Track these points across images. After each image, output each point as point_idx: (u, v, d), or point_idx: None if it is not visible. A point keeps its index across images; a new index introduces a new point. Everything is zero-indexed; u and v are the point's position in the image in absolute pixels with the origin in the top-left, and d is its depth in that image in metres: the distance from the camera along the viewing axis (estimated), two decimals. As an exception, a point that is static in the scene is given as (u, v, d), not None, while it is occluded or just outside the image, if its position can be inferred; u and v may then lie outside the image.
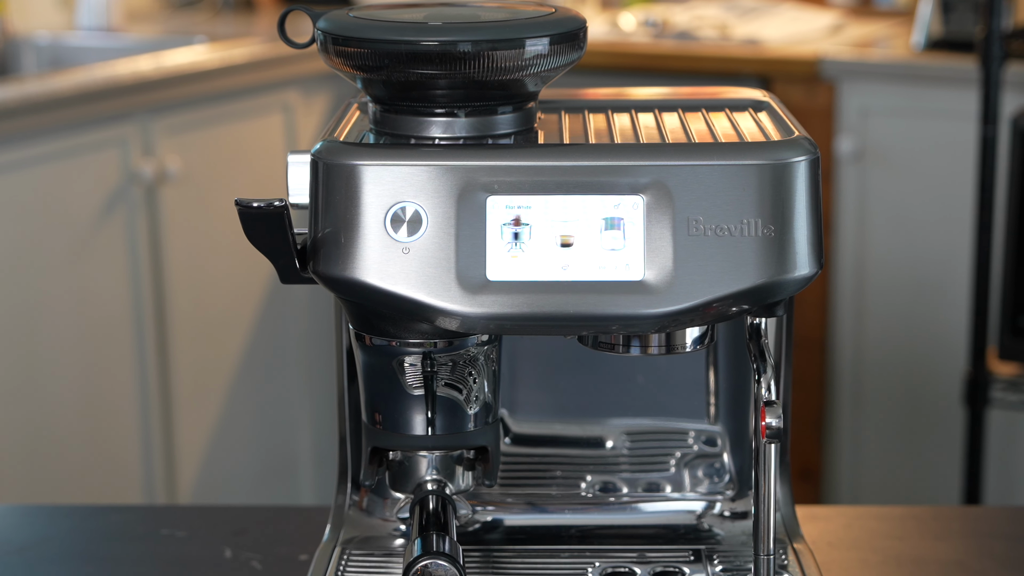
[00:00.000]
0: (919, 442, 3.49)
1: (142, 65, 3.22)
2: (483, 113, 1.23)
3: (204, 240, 3.32)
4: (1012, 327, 2.98)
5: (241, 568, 1.45)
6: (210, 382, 3.38)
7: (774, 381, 1.25)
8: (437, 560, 1.22)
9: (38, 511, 1.63)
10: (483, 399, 1.29)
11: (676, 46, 3.62)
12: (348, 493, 1.42)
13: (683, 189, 1.18)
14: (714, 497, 1.43)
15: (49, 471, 3.04)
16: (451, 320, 1.19)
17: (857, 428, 3.55)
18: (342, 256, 1.19)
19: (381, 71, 1.20)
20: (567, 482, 1.44)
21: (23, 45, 3.65)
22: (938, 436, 3.44)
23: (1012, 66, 3.12)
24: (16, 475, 2.97)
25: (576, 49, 1.23)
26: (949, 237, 3.36)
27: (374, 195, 1.18)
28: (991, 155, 2.91)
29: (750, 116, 1.31)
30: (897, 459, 3.53)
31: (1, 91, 2.99)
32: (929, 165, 3.38)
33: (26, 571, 1.45)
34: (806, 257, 1.20)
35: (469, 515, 1.41)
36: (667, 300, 1.18)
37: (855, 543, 1.50)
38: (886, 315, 3.47)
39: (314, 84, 3.56)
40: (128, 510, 1.64)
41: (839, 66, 3.43)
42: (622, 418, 1.44)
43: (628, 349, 1.27)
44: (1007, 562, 1.46)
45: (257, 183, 3.43)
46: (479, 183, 1.18)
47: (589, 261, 1.18)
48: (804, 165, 1.20)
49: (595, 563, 1.36)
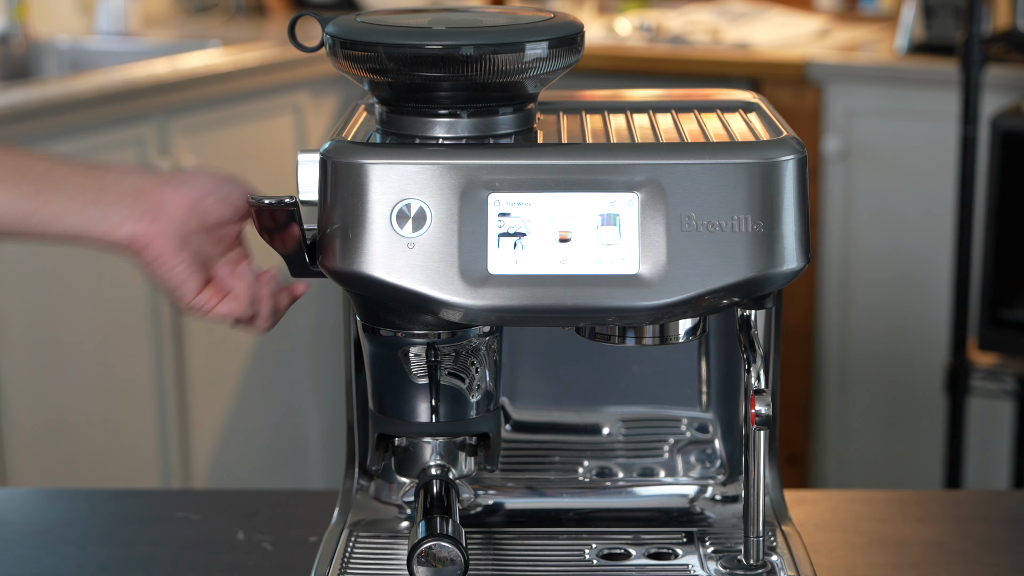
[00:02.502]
0: (902, 429, 3.49)
1: (159, 68, 3.22)
2: (485, 114, 1.23)
3: (218, 235, 3.32)
4: (991, 319, 2.97)
5: (253, 550, 1.45)
6: (223, 372, 3.38)
7: (763, 370, 1.25)
8: (441, 542, 1.22)
9: (59, 495, 1.63)
10: (485, 388, 1.29)
11: (670, 50, 3.62)
12: (356, 478, 1.41)
13: (676, 187, 1.18)
14: (706, 482, 1.43)
15: (69, 457, 3.04)
16: (454, 312, 1.19)
17: (843, 415, 3.55)
18: (350, 251, 1.19)
19: (387, 74, 1.20)
20: (565, 467, 1.44)
21: (45, 49, 3.64)
22: (920, 423, 3.44)
23: (991, 69, 3.11)
24: (38, 460, 2.97)
25: (574, 53, 1.23)
26: (931, 233, 3.36)
27: (380, 192, 1.18)
28: (971, 154, 2.91)
29: (740, 117, 1.31)
30: (881, 445, 3.53)
31: (24, 93, 2.99)
32: (912, 164, 3.38)
33: (47, 552, 1.45)
34: (794, 252, 1.20)
35: (471, 499, 1.41)
36: (661, 293, 1.18)
37: (841, 525, 1.50)
38: (871, 307, 3.47)
39: (323, 86, 3.56)
40: (145, 494, 1.64)
41: (825, 69, 3.42)
42: (618, 406, 1.44)
43: (624, 340, 1.27)
44: (986, 544, 1.45)
45: (269, 181, 3.43)
46: (481, 181, 1.18)
47: (586, 256, 1.18)
48: (792, 164, 1.19)
49: (592, 545, 1.36)
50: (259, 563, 1.42)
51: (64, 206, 1.23)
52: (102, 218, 1.23)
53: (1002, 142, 2.91)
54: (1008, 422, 3.32)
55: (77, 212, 1.23)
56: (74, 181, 1.24)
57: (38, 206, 1.23)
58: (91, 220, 1.23)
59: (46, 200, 1.23)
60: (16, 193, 1.22)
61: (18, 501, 1.66)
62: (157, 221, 1.24)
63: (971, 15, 2.87)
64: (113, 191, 1.24)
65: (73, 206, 1.23)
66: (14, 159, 1.25)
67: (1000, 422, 3.34)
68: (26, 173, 1.23)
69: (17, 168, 1.24)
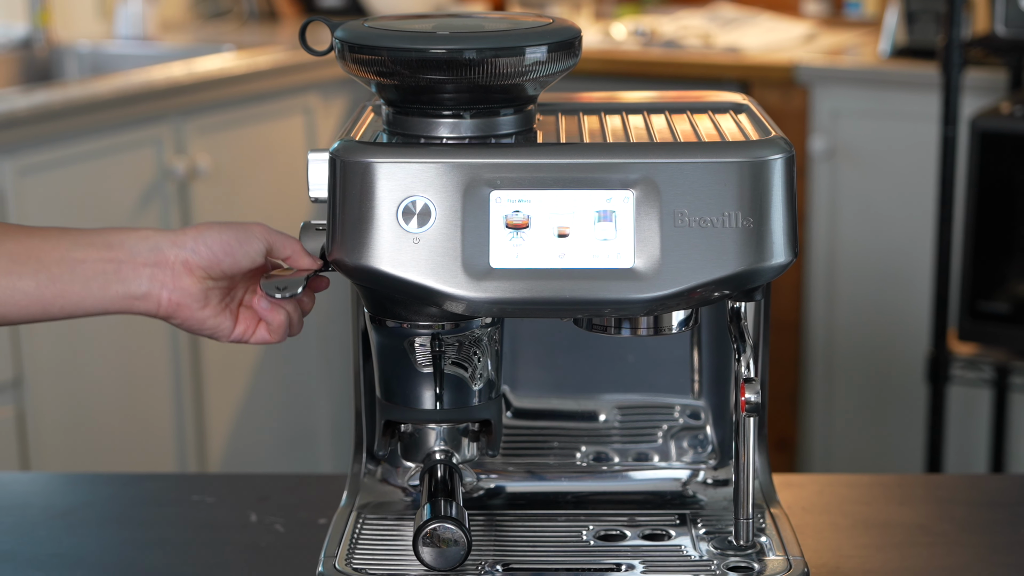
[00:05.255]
0: (885, 416, 3.49)
1: (175, 71, 3.21)
2: (487, 115, 1.22)
3: (232, 231, 3.31)
4: (970, 310, 2.97)
5: (265, 531, 1.45)
6: (237, 361, 3.38)
7: (753, 360, 1.25)
8: (445, 523, 1.22)
9: (80, 478, 1.63)
10: (487, 376, 1.29)
11: (663, 53, 3.61)
12: (363, 462, 1.41)
13: (670, 184, 1.18)
14: (698, 466, 1.43)
15: (90, 442, 3.04)
16: (457, 304, 1.19)
17: (829, 403, 3.55)
18: (358, 246, 1.19)
19: (394, 76, 1.19)
20: (564, 452, 1.44)
21: (66, 53, 3.64)
22: (903, 410, 3.44)
23: (970, 72, 3.11)
24: (60, 445, 2.97)
25: (572, 56, 1.23)
26: (913, 228, 3.35)
27: (387, 190, 1.18)
28: (951, 154, 2.91)
29: (731, 118, 1.31)
30: (865, 431, 3.52)
31: (47, 95, 2.99)
32: (895, 163, 3.38)
33: (69, 533, 1.45)
34: (782, 246, 1.19)
35: (474, 482, 1.41)
36: (655, 286, 1.18)
37: (827, 508, 1.50)
38: (855, 300, 3.47)
39: (332, 88, 3.56)
40: (162, 478, 1.64)
41: (812, 72, 3.42)
42: (614, 394, 1.44)
43: (619, 331, 1.27)
44: (965, 525, 1.45)
45: (280, 179, 3.43)
46: (483, 179, 1.18)
47: (584, 250, 1.18)
48: (780, 162, 1.19)
49: (589, 526, 1.36)
50: (271, 544, 1.42)
51: (86, 288, 1.21)
52: (125, 294, 1.21)
53: (981, 142, 2.91)
54: (986, 409, 3.32)
55: (99, 293, 1.21)
56: (91, 263, 1.21)
57: (60, 292, 1.20)
58: (114, 299, 1.21)
59: (67, 286, 1.20)
60: (36, 282, 1.20)
61: (41, 485, 1.66)
62: (178, 289, 1.22)
63: (951, 20, 2.86)
64: (130, 265, 1.21)
65: (94, 287, 1.21)
66: (27, 244, 1.21)
67: (979, 409, 3.34)
68: (43, 258, 1.20)
69: (32, 254, 1.20)
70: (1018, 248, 2.95)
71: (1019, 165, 2.92)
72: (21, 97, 2.97)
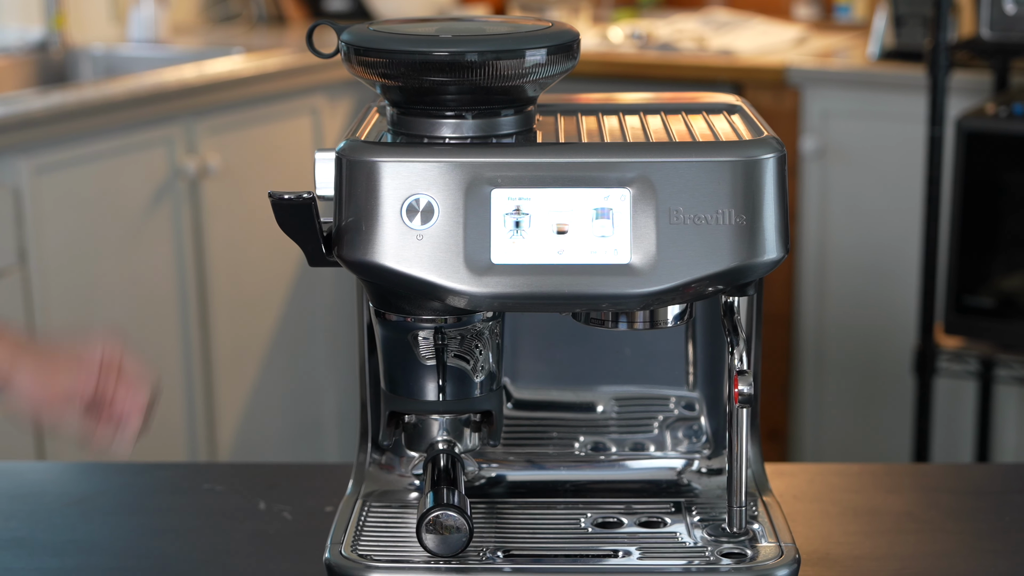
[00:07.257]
0: (874, 407, 3.49)
1: (186, 73, 3.21)
2: (488, 115, 1.22)
3: (241, 228, 3.32)
4: (956, 305, 2.97)
5: (273, 518, 1.45)
6: (246, 354, 3.38)
7: (746, 352, 1.25)
8: (447, 511, 1.22)
9: (93, 468, 1.63)
10: (488, 369, 1.29)
11: (659, 56, 3.61)
12: (369, 452, 1.41)
13: (665, 183, 1.18)
14: (692, 455, 1.43)
15: (104, 432, 3.04)
16: (459, 299, 1.19)
17: (819, 394, 3.55)
18: (363, 242, 1.19)
19: (398, 78, 1.19)
20: (562, 442, 1.44)
21: (81, 55, 3.64)
22: (891, 401, 3.44)
23: (956, 74, 3.11)
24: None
25: (570, 59, 1.22)
26: (901, 226, 3.35)
27: (391, 188, 1.18)
28: (938, 153, 2.91)
29: (724, 118, 1.31)
30: (854, 422, 3.52)
31: (62, 96, 2.98)
32: (883, 162, 3.37)
33: (83, 520, 1.45)
34: (774, 243, 1.19)
35: (475, 471, 1.41)
36: (651, 281, 1.18)
37: (817, 496, 1.50)
38: (845, 294, 3.47)
39: (338, 90, 3.55)
40: (173, 467, 1.64)
41: (803, 74, 3.42)
42: (611, 385, 1.44)
43: (616, 325, 1.27)
44: (951, 513, 1.45)
45: (288, 178, 3.43)
46: (484, 177, 1.18)
47: (582, 247, 1.18)
48: (772, 162, 1.19)
49: (587, 514, 1.36)
50: (279, 531, 1.42)
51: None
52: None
53: (966, 142, 2.91)
54: (972, 401, 3.32)
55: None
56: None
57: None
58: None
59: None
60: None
61: (56, 473, 1.66)
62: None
63: (938, 24, 2.86)
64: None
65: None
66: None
67: (964, 400, 3.34)
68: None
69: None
70: (1002, 244, 2.95)
71: (1003, 164, 2.92)
72: (37, 98, 2.97)
